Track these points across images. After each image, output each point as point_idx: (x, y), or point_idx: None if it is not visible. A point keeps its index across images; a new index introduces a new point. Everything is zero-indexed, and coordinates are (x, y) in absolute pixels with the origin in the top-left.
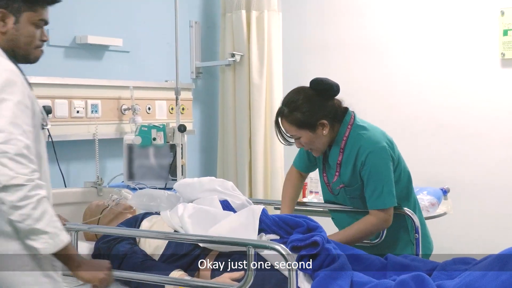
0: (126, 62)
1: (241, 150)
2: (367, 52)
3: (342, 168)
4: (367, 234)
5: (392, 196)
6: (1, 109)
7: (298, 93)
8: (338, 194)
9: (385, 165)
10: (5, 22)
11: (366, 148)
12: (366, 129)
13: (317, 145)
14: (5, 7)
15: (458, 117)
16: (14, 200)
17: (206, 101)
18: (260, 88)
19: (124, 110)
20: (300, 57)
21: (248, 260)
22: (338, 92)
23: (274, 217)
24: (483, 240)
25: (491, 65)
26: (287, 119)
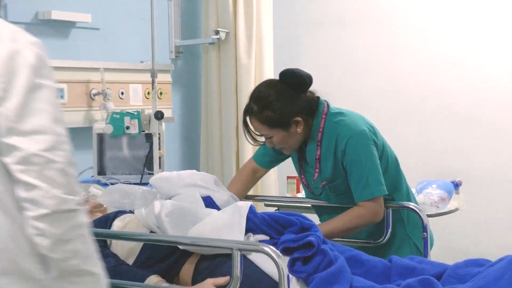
0: (96, 40)
1: (227, 140)
2: (369, 28)
3: (322, 163)
4: (355, 228)
5: (380, 184)
6: (40, 100)
7: (268, 88)
8: (321, 193)
9: (368, 150)
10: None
11: (345, 134)
12: (342, 115)
13: (290, 144)
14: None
15: (472, 102)
16: (60, 233)
17: (187, 84)
18: (249, 69)
19: (94, 95)
20: (293, 34)
21: (234, 264)
22: (311, 84)
23: (264, 215)
24: (499, 240)
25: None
26: (257, 118)
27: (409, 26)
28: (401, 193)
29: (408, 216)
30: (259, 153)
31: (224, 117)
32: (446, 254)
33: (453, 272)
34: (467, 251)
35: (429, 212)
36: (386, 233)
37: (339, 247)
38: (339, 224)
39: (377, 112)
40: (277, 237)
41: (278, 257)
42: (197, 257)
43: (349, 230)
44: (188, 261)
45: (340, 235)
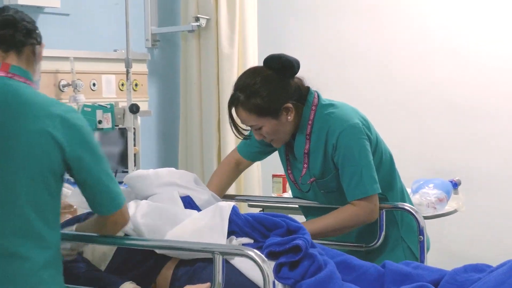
0: (65, 27)
1: (208, 136)
2: (360, 14)
3: (311, 158)
4: (346, 227)
5: (374, 181)
6: None
7: (253, 75)
8: (309, 190)
9: (361, 145)
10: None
11: (336, 128)
12: (334, 107)
13: (281, 134)
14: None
15: (473, 94)
16: None
17: (165, 75)
18: (231, 59)
19: (63, 86)
20: (279, 21)
21: (215, 270)
22: (298, 69)
23: (247, 216)
24: (500, 243)
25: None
26: (244, 107)
27: (404, 11)
28: (395, 192)
29: (402, 217)
30: (243, 143)
31: (204, 110)
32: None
33: (452, 279)
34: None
35: (425, 214)
36: (380, 236)
37: (328, 251)
38: (331, 222)
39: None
40: (262, 240)
41: (263, 262)
42: (176, 262)
43: (341, 229)
44: (165, 267)
45: (330, 234)
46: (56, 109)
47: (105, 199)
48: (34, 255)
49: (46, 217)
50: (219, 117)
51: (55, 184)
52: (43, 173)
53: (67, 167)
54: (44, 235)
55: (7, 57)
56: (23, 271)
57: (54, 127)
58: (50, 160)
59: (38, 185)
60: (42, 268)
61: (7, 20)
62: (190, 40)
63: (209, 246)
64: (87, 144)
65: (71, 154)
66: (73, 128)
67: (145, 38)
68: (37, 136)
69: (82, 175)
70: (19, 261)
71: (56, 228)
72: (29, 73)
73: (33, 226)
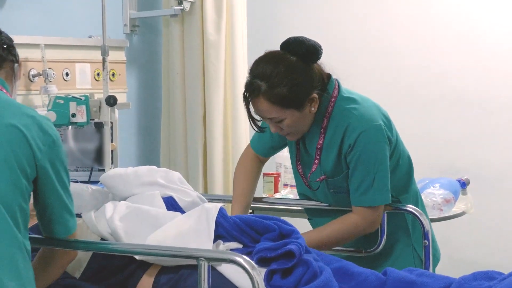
0: (35, 11)
1: (193, 130)
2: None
3: (324, 154)
4: (346, 238)
5: (386, 191)
6: None
7: (275, 61)
8: (318, 188)
9: (380, 150)
10: None
11: (357, 126)
12: (356, 102)
13: (301, 127)
14: None
15: (483, 86)
16: None
17: (145, 64)
18: (218, 46)
19: (33, 76)
20: (271, 4)
21: (200, 277)
22: (321, 54)
23: (236, 219)
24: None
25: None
26: (267, 98)
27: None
28: (408, 196)
29: (413, 224)
30: (254, 139)
31: (189, 103)
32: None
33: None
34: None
35: (431, 216)
36: (380, 241)
37: (324, 257)
38: (329, 234)
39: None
40: (252, 245)
41: (252, 269)
42: (157, 269)
43: (340, 241)
44: (146, 273)
45: (329, 247)
46: (31, 112)
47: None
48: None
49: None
50: (204, 110)
51: (26, 185)
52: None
53: (35, 172)
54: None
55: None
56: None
57: (27, 126)
58: (18, 156)
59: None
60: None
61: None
62: (173, 25)
63: (193, 252)
64: (57, 157)
65: (41, 160)
66: (47, 135)
67: (123, 23)
68: (5, 130)
69: (44, 188)
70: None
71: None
72: (5, 83)
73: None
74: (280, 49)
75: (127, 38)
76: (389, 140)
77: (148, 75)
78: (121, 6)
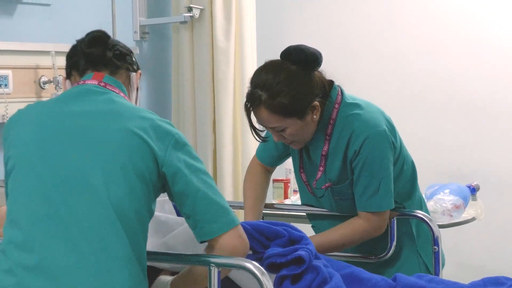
0: (46, 19)
1: (203, 136)
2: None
3: (329, 161)
4: (352, 243)
5: (390, 196)
6: None
7: (275, 70)
8: (323, 196)
9: (384, 155)
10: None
11: (362, 132)
12: (360, 107)
13: (304, 136)
14: None
15: (492, 90)
16: None
17: (155, 71)
18: (227, 53)
19: (44, 83)
20: (279, 11)
21: (211, 283)
22: (322, 60)
23: (245, 225)
24: None
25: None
26: (267, 107)
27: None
28: (412, 201)
29: (418, 229)
30: (262, 149)
31: (199, 109)
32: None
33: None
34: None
35: (441, 222)
36: (390, 247)
37: (334, 263)
38: (335, 238)
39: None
40: (262, 251)
41: (262, 275)
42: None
43: (346, 245)
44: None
45: (333, 250)
46: (149, 114)
47: (212, 214)
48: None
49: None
50: (214, 117)
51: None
52: (126, 173)
53: (162, 177)
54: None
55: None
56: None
57: (145, 130)
58: (136, 161)
59: (119, 181)
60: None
61: (100, 38)
62: (182, 32)
63: (203, 257)
64: (182, 151)
65: (165, 160)
66: (167, 135)
67: (133, 30)
68: (122, 135)
69: (179, 186)
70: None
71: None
72: (124, 87)
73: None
74: (280, 58)
75: (137, 45)
76: (393, 145)
77: (158, 81)
78: (131, 13)
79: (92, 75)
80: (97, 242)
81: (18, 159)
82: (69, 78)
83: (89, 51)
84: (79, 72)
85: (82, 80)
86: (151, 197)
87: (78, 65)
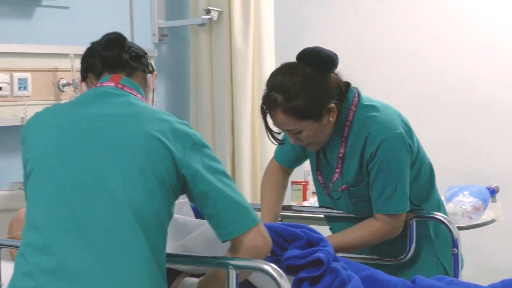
0: (65, 21)
1: (221, 138)
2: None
3: (346, 164)
4: (367, 244)
5: (406, 199)
6: None
7: (291, 73)
8: (340, 198)
9: (401, 158)
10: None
11: (378, 134)
12: (377, 110)
13: (320, 138)
14: None
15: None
16: None
17: (173, 73)
18: (245, 55)
19: (63, 85)
20: (298, 13)
21: (229, 285)
22: (338, 63)
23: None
24: None
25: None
26: (283, 110)
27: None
28: (430, 204)
29: (436, 231)
30: (279, 152)
31: (217, 111)
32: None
33: None
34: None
35: (460, 224)
36: (409, 249)
37: (353, 265)
38: (351, 239)
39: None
40: (280, 253)
41: (280, 277)
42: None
43: (362, 246)
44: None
45: (349, 251)
46: (166, 116)
47: (233, 214)
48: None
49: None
50: (232, 119)
51: (163, 191)
52: (145, 176)
53: (181, 179)
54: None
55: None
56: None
57: (163, 132)
58: (155, 164)
59: (137, 184)
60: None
61: (116, 40)
62: (201, 34)
63: (222, 259)
64: (201, 153)
65: (184, 162)
66: (185, 137)
67: (151, 33)
68: (141, 137)
69: (199, 188)
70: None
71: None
72: (141, 88)
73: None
74: (296, 61)
75: (156, 48)
76: (410, 147)
77: (177, 84)
78: (150, 15)
79: (109, 77)
80: (116, 245)
81: (36, 162)
82: (84, 80)
83: (105, 53)
84: (96, 74)
85: (99, 82)
86: (171, 200)
87: (94, 68)
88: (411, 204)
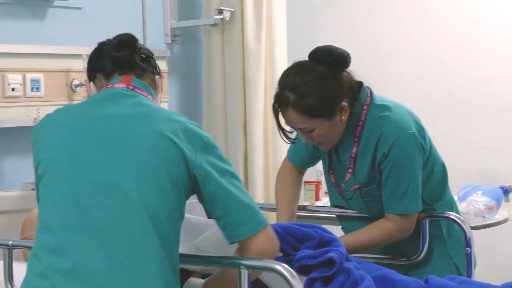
0: (77, 22)
1: (234, 138)
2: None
3: (358, 163)
4: (379, 244)
5: (418, 200)
6: None
7: (304, 72)
8: (352, 198)
9: (413, 158)
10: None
11: (391, 134)
12: (389, 109)
13: (332, 137)
14: None
15: None
16: None
17: (186, 73)
18: (258, 55)
19: (76, 86)
20: (310, 13)
21: (241, 285)
22: (350, 61)
23: (276, 227)
24: None
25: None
26: (295, 109)
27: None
28: (443, 203)
29: (448, 231)
30: (290, 151)
31: (229, 112)
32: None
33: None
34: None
35: (473, 224)
36: (422, 249)
37: (365, 265)
38: (365, 239)
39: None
40: (292, 253)
41: (292, 277)
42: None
43: (373, 246)
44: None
45: (361, 251)
46: (178, 117)
47: (242, 216)
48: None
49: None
50: (245, 119)
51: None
52: (158, 177)
53: (192, 179)
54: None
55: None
56: None
57: (175, 133)
58: (167, 164)
59: (150, 184)
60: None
61: (128, 41)
62: (213, 34)
63: (234, 259)
64: (212, 154)
65: (195, 163)
66: (196, 138)
67: (164, 33)
68: (153, 138)
69: (210, 189)
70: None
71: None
72: (151, 89)
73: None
74: (308, 59)
75: (168, 48)
76: (423, 147)
77: (189, 84)
78: (162, 16)
79: (120, 78)
80: (130, 246)
81: (48, 164)
82: (93, 80)
83: (117, 54)
84: (105, 75)
85: (110, 83)
86: (182, 200)
87: (104, 68)
88: (423, 203)
